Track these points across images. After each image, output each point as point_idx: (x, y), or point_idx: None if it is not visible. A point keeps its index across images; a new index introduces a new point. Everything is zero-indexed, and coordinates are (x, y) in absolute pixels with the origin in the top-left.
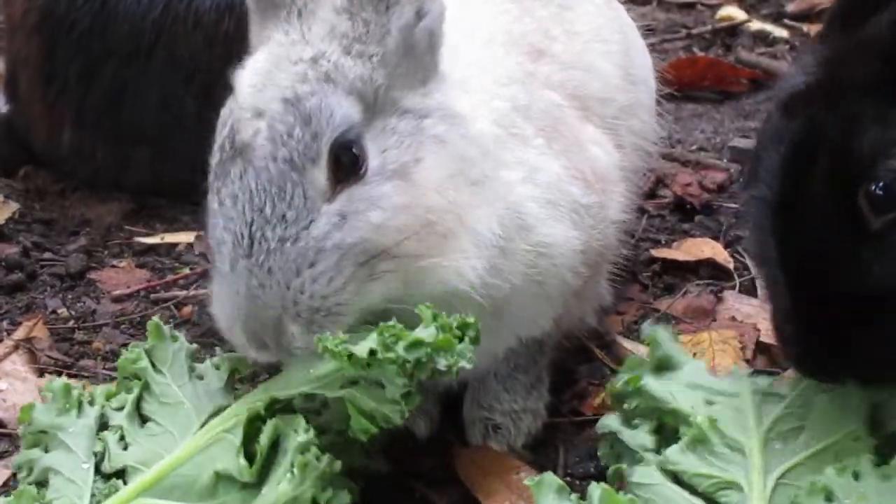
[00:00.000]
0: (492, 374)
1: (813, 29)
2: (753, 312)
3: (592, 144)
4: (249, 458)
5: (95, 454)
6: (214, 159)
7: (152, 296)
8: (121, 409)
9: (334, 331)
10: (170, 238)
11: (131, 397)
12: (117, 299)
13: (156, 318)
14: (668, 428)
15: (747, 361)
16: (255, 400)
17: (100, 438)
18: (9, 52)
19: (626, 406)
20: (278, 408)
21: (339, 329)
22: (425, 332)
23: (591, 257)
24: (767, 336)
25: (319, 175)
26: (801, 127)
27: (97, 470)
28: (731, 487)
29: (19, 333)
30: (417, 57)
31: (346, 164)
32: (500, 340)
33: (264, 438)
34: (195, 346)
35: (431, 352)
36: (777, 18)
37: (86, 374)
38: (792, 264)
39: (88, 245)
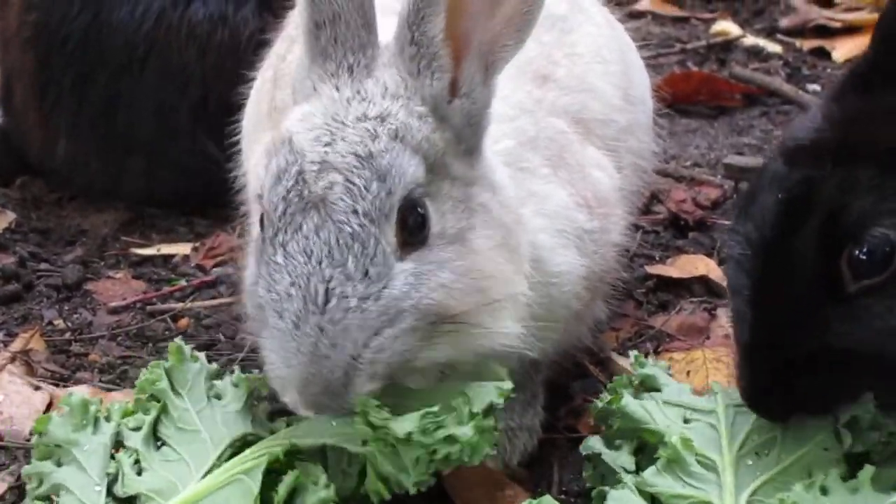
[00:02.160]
0: None
1: (806, 44)
2: None
3: (594, 168)
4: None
5: (108, 475)
6: (275, 211)
7: (149, 307)
8: (137, 429)
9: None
10: (166, 249)
11: (149, 419)
12: (114, 311)
13: (178, 340)
14: (649, 448)
15: None
16: (275, 444)
17: (114, 459)
18: (3, 64)
19: (609, 426)
20: (298, 456)
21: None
22: (461, 431)
23: (592, 282)
24: None
25: (391, 233)
26: (800, 180)
27: (109, 492)
28: None
29: (16, 345)
30: (457, 129)
31: (413, 225)
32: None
33: (283, 489)
34: (215, 366)
35: (461, 449)
36: (770, 33)
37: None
38: (761, 307)
39: (85, 255)
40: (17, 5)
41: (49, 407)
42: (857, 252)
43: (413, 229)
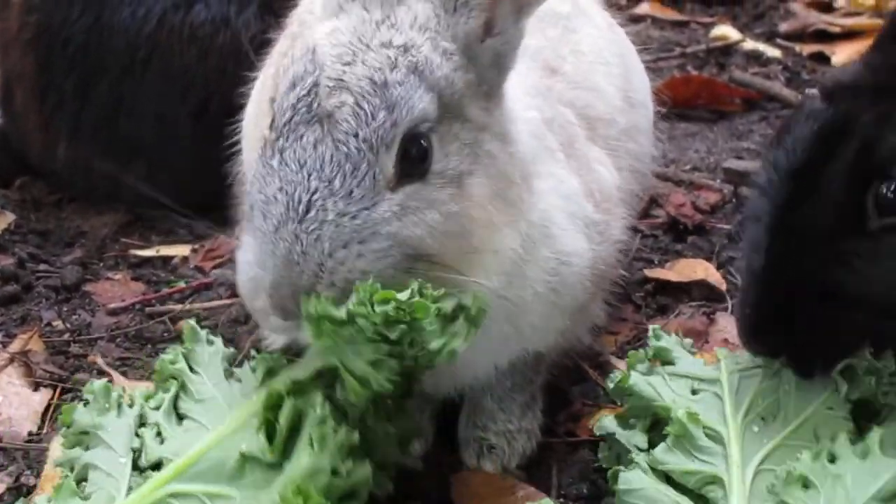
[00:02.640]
0: (488, 393)
1: (806, 49)
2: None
3: (598, 165)
4: (271, 438)
5: (133, 450)
6: (282, 116)
7: (147, 309)
8: (158, 407)
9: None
10: (165, 251)
11: (168, 395)
12: (112, 312)
13: (191, 321)
14: (661, 424)
15: None
16: (275, 384)
17: (138, 435)
18: (4, 66)
19: (622, 405)
20: (298, 389)
21: None
22: (403, 295)
23: (596, 276)
24: None
25: (388, 162)
26: (837, 113)
27: (134, 465)
28: (715, 482)
29: (15, 346)
30: (481, 69)
31: (414, 158)
32: (508, 350)
33: (283, 418)
34: (231, 349)
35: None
36: (770, 38)
37: (81, 388)
38: (780, 233)
39: (84, 257)
40: (18, 7)
41: (48, 408)
42: (884, 189)
43: (414, 161)
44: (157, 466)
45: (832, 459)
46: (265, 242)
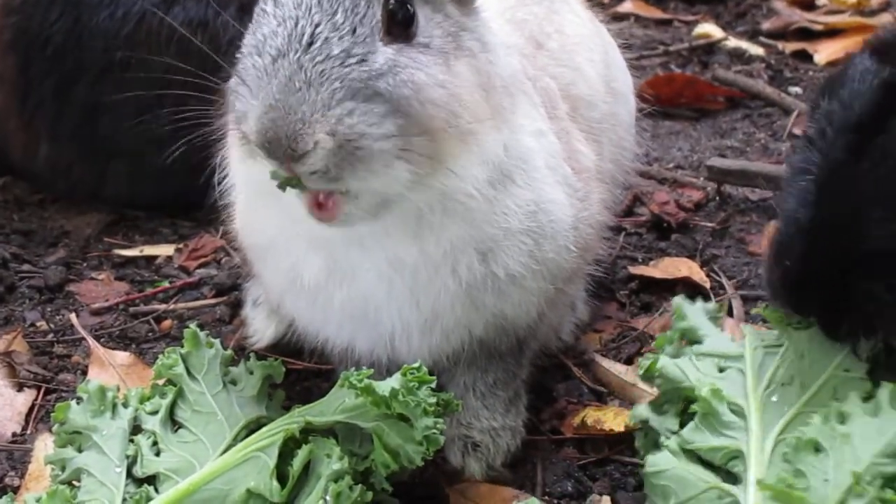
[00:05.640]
0: (470, 390)
1: (788, 47)
2: (730, 332)
3: (578, 142)
4: (281, 479)
5: (128, 457)
6: None
7: (131, 309)
8: (154, 413)
9: (352, 173)
10: (149, 251)
11: (166, 403)
12: (96, 312)
13: (193, 326)
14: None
15: None
16: (290, 422)
17: (133, 442)
18: None
19: (655, 389)
20: (313, 433)
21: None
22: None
23: (580, 239)
24: None
25: (378, 12)
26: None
27: (129, 473)
28: (738, 456)
29: None
30: None
31: (401, 20)
32: (483, 307)
33: (298, 462)
34: (230, 352)
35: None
36: (752, 36)
37: (65, 389)
38: (831, 186)
39: (67, 257)
40: None
41: (32, 409)
42: None
43: (400, 21)
44: (152, 479)
45: (843, 420)
46: (260, 75)
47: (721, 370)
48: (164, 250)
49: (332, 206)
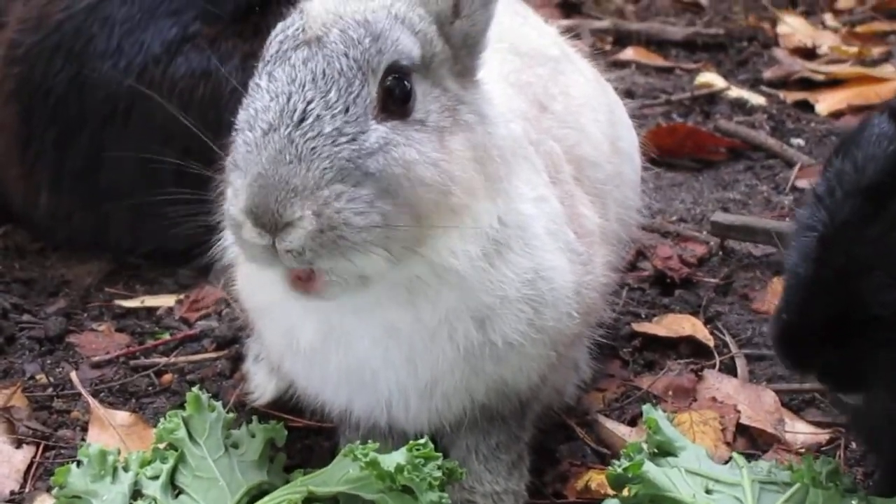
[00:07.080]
0: (473, 453)
1: (790, 97)
2: (733, 392)
3: (582, 206)
4: None
5: None
6: (268, 51)
7: (132, 362)
8: (155, 477)
9: (329, 260)
10: (150, 301)
11: (166, 468)
12: (96, 365)
13: (195, 390)
14: None
15: (728, 444)
16: (293, 491)
17: None
18: None
19: (626, 492)
20: (315, 502)
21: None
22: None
23: (582, 304)
24: (747, 418)
25: (373, 90)
26: None
27: None
28: None
29: None
30: (454, 49)
31: (398, 96)
32: (483, 374)
33: None
34: (232, 415)
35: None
36: (754, 84)
37: (64, 446)
38: (834, 246)
39: (68, 307)
40: (1, 59)
41: (30, 467)
42: None
43: (397, 98)
44: None
45: None
46: (251, 151)
47: (708, 491)
48: (164, 301)
49: (312, 280)
